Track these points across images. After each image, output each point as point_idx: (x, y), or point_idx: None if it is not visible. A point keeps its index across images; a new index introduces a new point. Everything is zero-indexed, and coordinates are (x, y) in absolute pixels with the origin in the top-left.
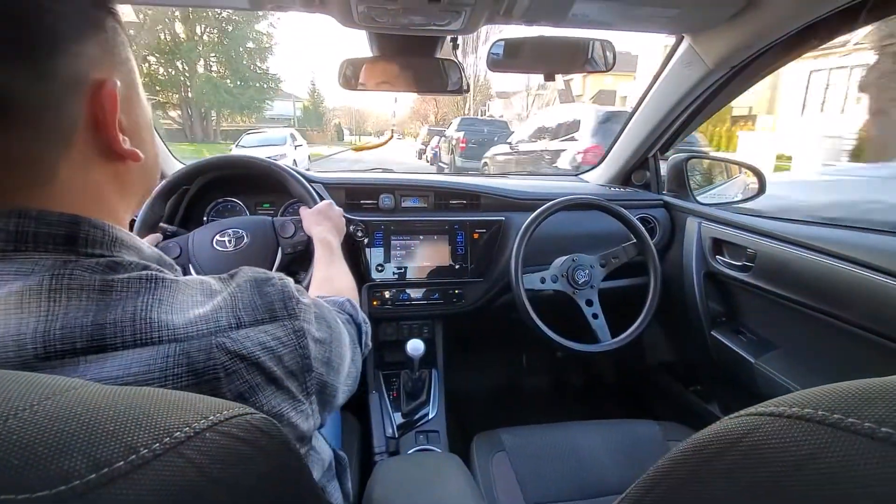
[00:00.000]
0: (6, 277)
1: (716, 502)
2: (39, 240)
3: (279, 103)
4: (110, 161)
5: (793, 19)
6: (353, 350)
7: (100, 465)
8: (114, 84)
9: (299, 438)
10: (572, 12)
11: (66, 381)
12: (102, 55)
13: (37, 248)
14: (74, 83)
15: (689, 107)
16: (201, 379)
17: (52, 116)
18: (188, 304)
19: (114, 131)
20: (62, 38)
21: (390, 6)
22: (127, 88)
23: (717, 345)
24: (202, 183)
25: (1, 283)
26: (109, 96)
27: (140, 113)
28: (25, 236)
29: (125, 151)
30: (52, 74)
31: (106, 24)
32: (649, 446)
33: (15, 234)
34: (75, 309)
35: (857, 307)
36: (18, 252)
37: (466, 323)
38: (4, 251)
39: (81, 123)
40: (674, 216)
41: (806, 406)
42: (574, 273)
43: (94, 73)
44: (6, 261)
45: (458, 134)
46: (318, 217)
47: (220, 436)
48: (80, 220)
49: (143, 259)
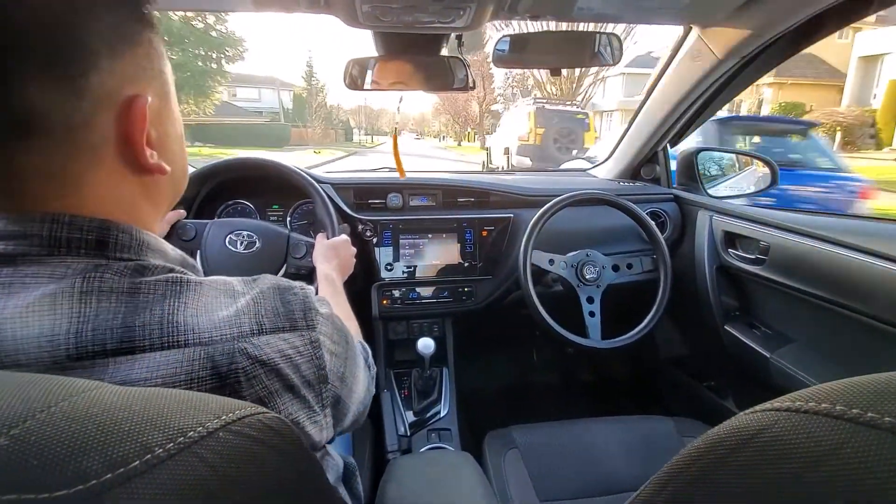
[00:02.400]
0: (40, 280)
1: (732, 499)
2: (72, 244)
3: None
4: (138, 174)
5: (803, 7)
6: (368, 379)
7: (116, 465)
8: (145, 100)
9: (311, 448)
10: (578, 6)
11: (82, 383)
12: (135, 70)
13: (69, 252)
14: (106, 100)
15: (699, 99)
16: (224, 382)
17: (82, 133)
18: (212, 306)
19: (141, 147)
20: (96, 56)
21: (394, 5)
22: (159, 101)
23: (731, 339)
24: (215, 184)
25: (35, 285)
26: (139, 112)
27: (170, 124)
28: (58, 241)
29: (151, 166)
30: (85, 92)
31: (142, 37)
32: (663, 443)
33: (48, 238)
34: (105, 311)
35: (877, 300)
36: (52, 256)
37: (476, 321)
38: (39, 255)
39: (111, 138)
40: (684, 210)
41: (824, 401)
42: (583, 268)
43: (127, 89)
44: (40, 264)
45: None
46: (329, 252)
47: (233, 435)
48: (110, 224)
49: (168, 262)
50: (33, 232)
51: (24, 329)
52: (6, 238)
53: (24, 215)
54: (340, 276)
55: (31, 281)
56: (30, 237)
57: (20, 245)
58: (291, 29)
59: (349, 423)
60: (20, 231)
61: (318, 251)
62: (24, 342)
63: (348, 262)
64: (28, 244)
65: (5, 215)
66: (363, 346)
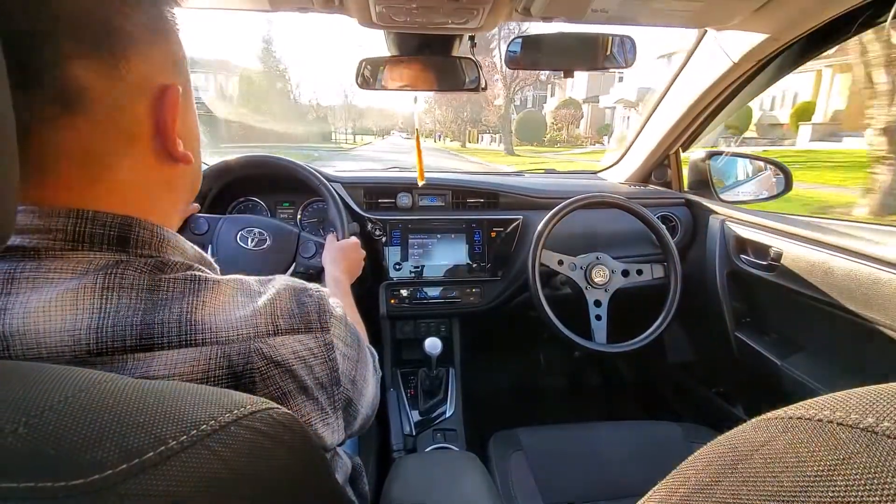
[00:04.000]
0: (64, 275)
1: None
2: (95, 239)
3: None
4: (165, 163)
5: (821, 11)
6: (376, 381)
7: (131, 456)
8: (176, 90)
9: (322, 448)
10: (592, 7)
11: (98, 375)
12: (167, 61)
13: (92, 247)
14: (143, 85)
15: (713, 102)
16: (239, 382)
17: (119, 115)
18: (229, 305)
19: (173, 135)
20: (135, 42)
21: (408, 5)
22: (184, 94)
23: (741, 345)
24: (229, 180)
25: (59, 280)
26: (172, 101)
27: (192, 119)
28: (82, 236)
29: (180, 155)
30: (124, 74)
31: (173, 32)
32: (670, 448)
33: (72, 233)
34: (126, 307)
35: (889, 309)
36: (75, 251)
37: (484, 321)
38: (63, 249)
39: (145, 125)
40: (696, 214)
41: (838, 409)
42: (592, 270)
43: (160, 78)
44: (64, 259)
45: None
46: (338, 254)
47: (244, 430)
48: (132, 221)
49: (187, 259)
50: (58, 227)
51: (47, 323)
52: (32, 232)
53: (51, 209)
54: (348, 279)
55: (54, 276)
56: (54, 231)
57: (44, 239)
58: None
59: (359, 426)
60: (44, 226)
61: (328, 253)
62: (46, 336)
63: (357, 265)
64: (52, 238)
65: (35, 209)
66: (371, 350)
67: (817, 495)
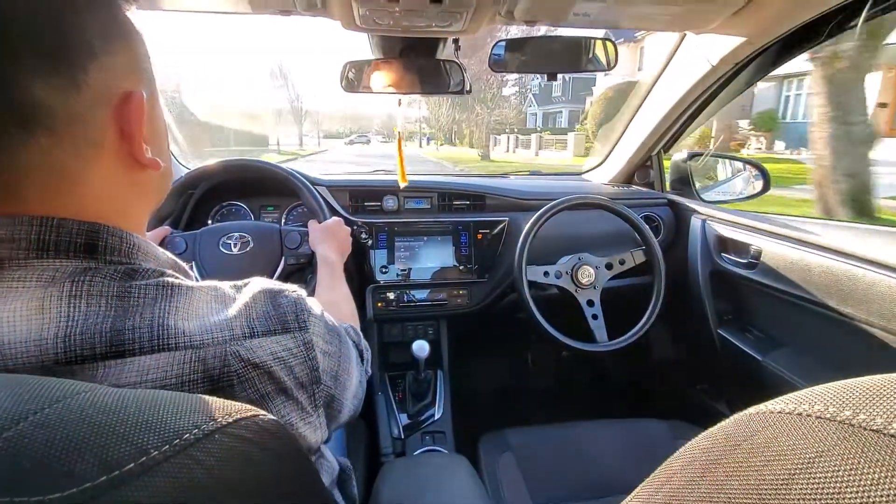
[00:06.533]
0: (28, 284)
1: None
2: (60, 247)
3: None
4: (133, 170)
5: (795, 15)
6: (360, 371)
7: (111, 468)
8: (141, 95)
9: (307, 450)
10: (574, 11)
11: (76, 385)
12: (128, 67)
13: (58, 255)
14: (104, 94)
15: (692, 105)
16: (216, 386)
17: (81, 127)
18: (203, 311)
19: (139, 142)
20: (93, 51)
21: (391, 8)
22: (150, 98)
23: (723, 342)
24: (208, 186)
25: (23, 289)
26: (136, 108)
27: (159, 123)
28: (47, 244)
29: (148, 161)
30: (84, 86)
31: (133, 35)
32: (656, 445)
33: (36, 241)
34: (94, 314)
35: (867, 304)
36: (40, 259)
37: (471, 323)
38: (27, 258)
39: (109, 134)
40: (678, 214)
41: (816, 403)
42: (578, 272)
43: (122, 85)
44: (28, 268)
45: None
46: (325, 234)
47: (229, 438)
48: (100, 227)
49: (159, 265)
50: (21, 235)
51: (11, 334)
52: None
53: (14, 218)
54: (340, 257)
55: (18, 285)
56: (17, 240)
57: (7, 249)
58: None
59: (346, 418)
60: (7, 235)
61: (314, 235)
62: (11, 347)
63: (345, 242)
64: (16, 248)
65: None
66: (354, 330)
67: (799, 487)
